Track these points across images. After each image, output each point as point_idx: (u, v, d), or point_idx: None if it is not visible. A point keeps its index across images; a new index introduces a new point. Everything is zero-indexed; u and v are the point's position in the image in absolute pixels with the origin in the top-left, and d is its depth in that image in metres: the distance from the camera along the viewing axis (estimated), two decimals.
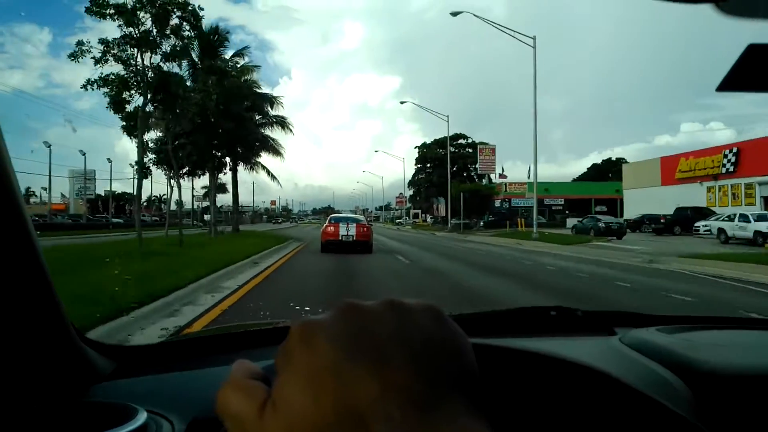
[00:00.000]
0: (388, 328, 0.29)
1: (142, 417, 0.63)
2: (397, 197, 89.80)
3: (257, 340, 1.04)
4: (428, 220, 67.42)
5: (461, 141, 63.69)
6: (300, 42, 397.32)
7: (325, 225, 16.76)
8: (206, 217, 62.52)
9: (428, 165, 64.87)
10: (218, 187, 31.77)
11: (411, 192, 66.72)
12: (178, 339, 1.16)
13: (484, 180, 59.48)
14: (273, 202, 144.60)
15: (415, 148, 65.61)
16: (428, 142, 64.86)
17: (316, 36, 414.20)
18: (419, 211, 72.85)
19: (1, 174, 0.58)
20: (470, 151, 59.62)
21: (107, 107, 13.29)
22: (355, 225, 15.94)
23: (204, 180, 27.97)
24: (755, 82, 0.38)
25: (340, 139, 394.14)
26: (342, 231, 15.59)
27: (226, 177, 30.24)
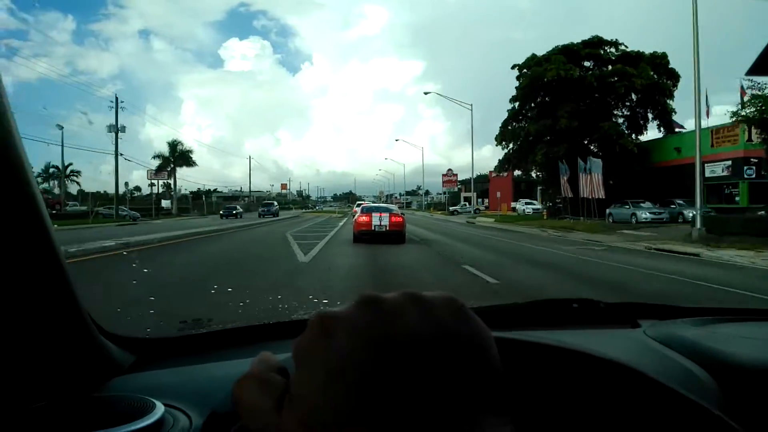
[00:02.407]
0: (409, 321, 0.29)
1: (159, 411, 0.64)
2: (444, 175, 76.54)
3: (275, 333, 1.07)
4: (533, 207, 46.32)
5: (608, 49, 34.27)
6: (321, 27, 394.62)
7: (357, 215, 17.03)
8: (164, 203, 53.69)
9: (540, 99, 34.92)
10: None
11: (503, 151, 37.87)
12: (196, 332, 1.11)
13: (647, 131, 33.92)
14: (283, 186, 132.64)
15: (513, 67, 35.96)
16: (538, 55, 34.45)
17: (337, 20, 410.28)
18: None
19: (17, 167, 0.59)
20: (627, 71, 31.67)
21: None
22: (388, 215, 15.89)
23: None
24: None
25: (361, 125, 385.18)
26: (375, 221, 15.59)
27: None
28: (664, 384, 0.49)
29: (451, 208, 60.84)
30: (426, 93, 67.64)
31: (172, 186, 55.29)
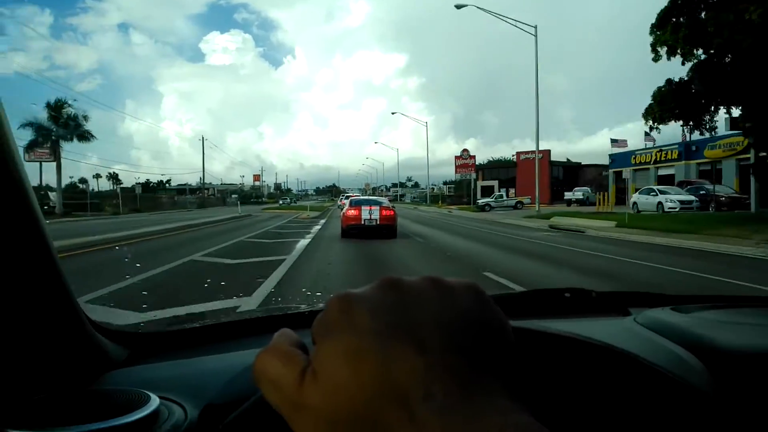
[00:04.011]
0: (430, 304, 0.29)
1: (154, 403, 0.65)
2: (458, 157, 57.37)
3: (270, 326, 1.06)
4: (650, 199, 26.34)
5: None
6: (303, 19, 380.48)
7: (345, 209, 16.14)
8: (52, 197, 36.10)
9: None
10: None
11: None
12: (190, 327, 1.10)
13: None
14: (256, 177, 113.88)
15: None
16: None
17: (320, 13, 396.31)
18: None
19: (6, 158, 0.60)
20: None
21: None
22: (378, 208, 15.35)
23: None
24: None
25: (344, 119, 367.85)
26: (364, 215, 15.04)
27: None
28: (653, 366, 0.51)
29: (480, 201, 42.75)
30: (393, 113, 64.61)
31: (58, 170, 36.29)
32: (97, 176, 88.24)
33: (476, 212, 37.19)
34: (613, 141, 43.45)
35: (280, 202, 79.57)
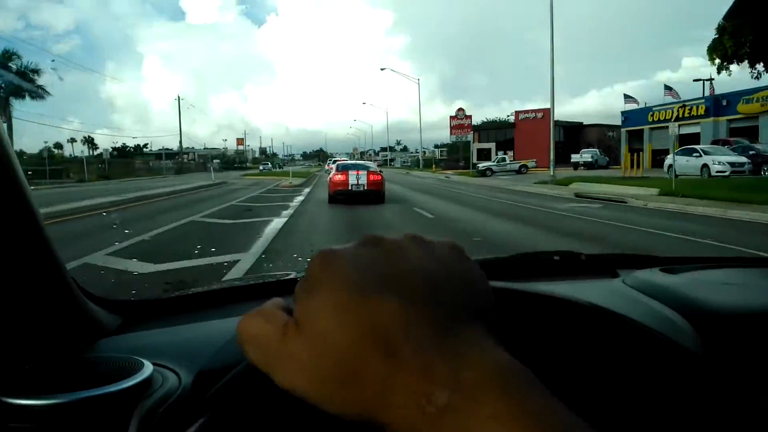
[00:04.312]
0: (411, 258, 0.30)
1: (147, 370, 0.64)
2: (453, 117, 52.34)
3: (264, 292, 1.06)
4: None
5: None
6: None
7: (332, 174, 15.82)
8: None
9: None
10: None
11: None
12: (182, 294, 1.11)
13: None
14: (240, 141, 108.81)
15: None
16: None
17: None
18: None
19: None
20: None
21: None
22: (365, 173, 14.99)
23: None
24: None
25: (331, 81, 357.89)
26: (351, 180, 14.69)
27: None
28: (639, 325, 0.52)
29: (480, 165, 38.15)
30: (382, 69, 55.25)
31: (9, 131, 32.26)
32: (72, 140, 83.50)
33: (477, 177, 33.83)
34: (627, 97, 39.92)
35: (261, 167, 71.10)
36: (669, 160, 21.81)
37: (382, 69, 56.29)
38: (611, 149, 45.96)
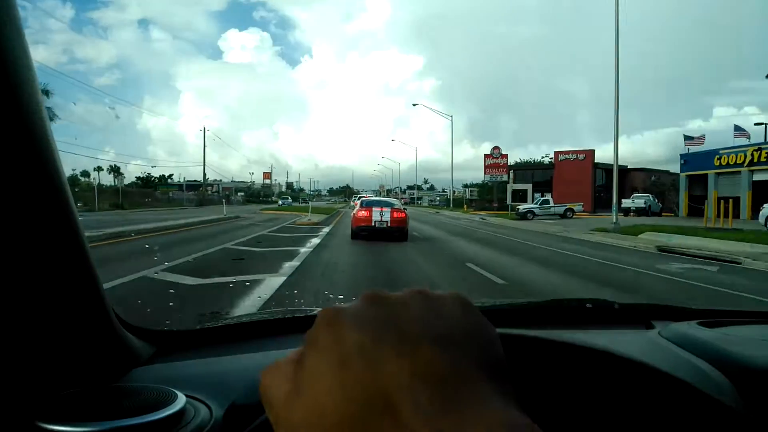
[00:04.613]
0: (414, 313, 0.29)
1: (180, 402, 0.65)
2: (488, 156, 48.22)
3: (292, 327, 1.08)
4: None
5: None
6: (322, 19, 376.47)
7: (356, 210, 15.99)
8: None
9: None
10: None
11: None
12: (216, 325, 1.12)
13: None
14: (266, 175, 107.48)
15: None
16: None
17: (338, 13, 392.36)
18: None
19: (46, 151, 0.59)
20: None
21: None
22: (389, 209, 14.94)
23: None
24: None
25: (360, 120, 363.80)
26: (375, 216, 14.57)
27: None
28: (679, 379, 0.50)
29: (521, 207, 34.41)
30: (414, 104, 58.46)
31: None
32: (98, 169, 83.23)
33: (517, 220, 30.25)
34: (687, 138, 36.04)
35: (280, 202, 66.26)
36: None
37: (414, 104, 54.28)
38: (659, 194, 41.95)
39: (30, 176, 0.57)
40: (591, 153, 48.33)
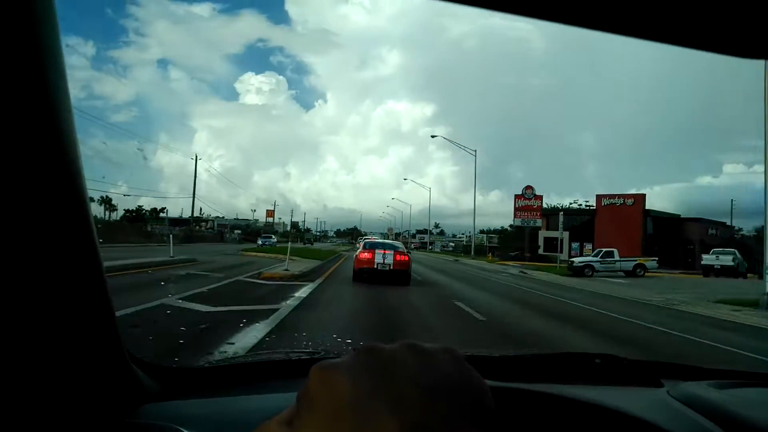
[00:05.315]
0: (406, 368, 0.29)
1: None
2: (519, 197, 40.09)
3: (299, 369, 1.07)
4: None
5: None
6: (337, 66, 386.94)
7: (358, 251, 15.35)
8: None
9: None
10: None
11: None
12: (224, 364, 1.16)
13: None
14: (270, 213, 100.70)
15: None
16: None
17: (353, 61, 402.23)
18: None
19: (73, 181, 0.57)
20: None
21: None
22: (392, 252, 14.50)
23: None
24: None
25: (370, 164, 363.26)
26: (378, 259, 14.20)
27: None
28: None
29: (576, 260, 27.11)
30: (433, 136, 49.86)
31: None
32: (89, 200, 77.37)
33: (570, 276, 22.94)
34: None
35: (259, 242, 52.91)
36: None
37: (433, 136, 47.74)
38: (742, 250, 34.69)
39: (57, 195, 0.55)
40: (641, 198, 41.04)
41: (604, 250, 25.96)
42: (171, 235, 19.97)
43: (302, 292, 10.44)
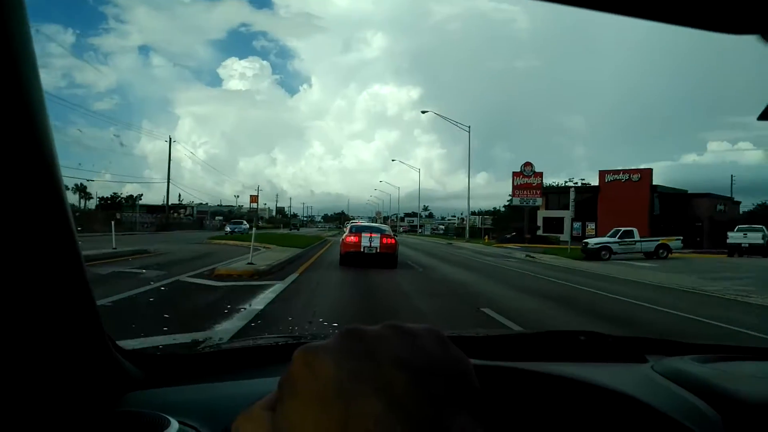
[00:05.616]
0: (390, 349, 0.29)
1: (173, 428, 0.66)
2: (517, 174, 37.45)
3: (283, 354, 1.06)
4: None
5: None
6: (321, 50, 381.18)
7: (345, 235, 14.93)
8: None
9: None
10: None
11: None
12: (209, 350, 1.16)
13: None
14: (253, 198, 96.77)
15: None
16: None
17: (337, 44, 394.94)
18: None
19: (49, 171, 0.56)
20: None
21: None
22: (379, 235, 14.22)
23: None
24: None
25: (357, 148, 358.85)
26: (364, 242, 13.92)
27: None
28: (671, 417, 0.52)
29: (591, 241, 23.58)
30: (423, 112, 47.99)
31: None
32: (65, 188, 73.22)
33: (584, 260, 20.15)
34: None
35: (228, 228, 44.70)
36: None
37: (423, 111, 44.80)
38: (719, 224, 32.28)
39: (32, 185, 0.54)
40: (648, 173, 38.19)
41: (623, 229, 23.03)
42: (113, 223, 16.52)
43: (260, 301, 7.37)
